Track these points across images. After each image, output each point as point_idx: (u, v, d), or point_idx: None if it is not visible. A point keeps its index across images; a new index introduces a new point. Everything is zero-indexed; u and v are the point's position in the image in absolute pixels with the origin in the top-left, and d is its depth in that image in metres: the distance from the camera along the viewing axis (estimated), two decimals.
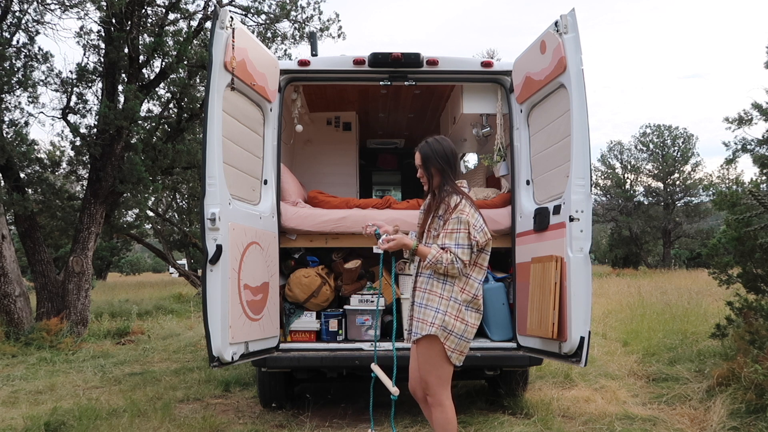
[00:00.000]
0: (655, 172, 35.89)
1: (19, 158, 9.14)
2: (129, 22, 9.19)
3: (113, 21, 8.96)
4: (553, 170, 4.37)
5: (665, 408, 5.04)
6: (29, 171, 9.84)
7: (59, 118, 9.69)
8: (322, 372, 4.91)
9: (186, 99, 10.45)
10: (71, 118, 9.74)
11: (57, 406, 5.25)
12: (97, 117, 9.43)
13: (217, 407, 5.35)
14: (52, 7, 8.80)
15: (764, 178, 7.25)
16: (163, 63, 9.91)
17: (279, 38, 11.12)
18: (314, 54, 5.48)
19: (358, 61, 4.85)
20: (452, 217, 3.31)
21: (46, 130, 71.52)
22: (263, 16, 10.81)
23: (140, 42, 9.59)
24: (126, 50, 9.27)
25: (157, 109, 11.12)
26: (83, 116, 9.97)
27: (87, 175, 10.13)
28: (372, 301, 4.94)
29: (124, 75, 9.62)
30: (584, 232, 3.91)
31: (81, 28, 10.10)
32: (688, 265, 30.80)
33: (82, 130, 9.81)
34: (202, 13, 10.39)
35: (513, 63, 4.83)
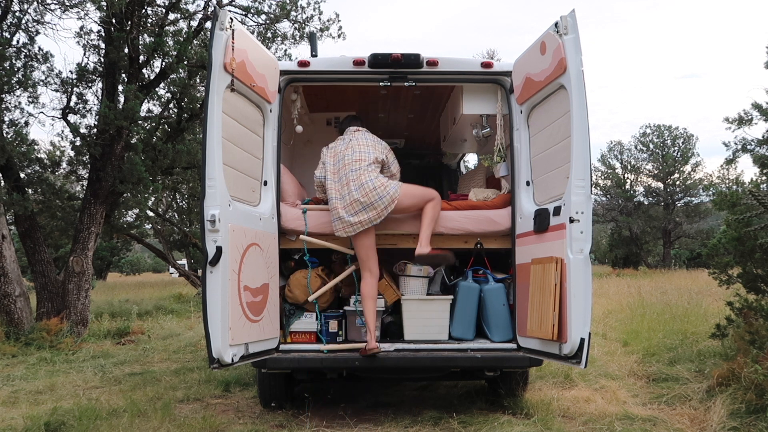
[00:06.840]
0: (655, 172, 35.86)
1: (19, 158, 9.14)
2: (129, 22, 9.19)
3: (113, 21, 8.95)
4: (553, 171, 4.37)
5: (665, 408, 5.04)
6: (29, 171, 9.84)
7: (59, 118, 9.69)
8: (322, 372, 4.91)
9: (186, 99, 10.44)
10: (71, 118, 9.73)
11: (57, 406, 5.25)
12: (97, 117, 9.43)
13: (217, 407, 5.36)
14: (52, 7, 8.80)
15: (764, 178, 7.24)
16: (163, 63, 9.91)
17: (279, 38, 11.10)
18: (314, 54, 5.47)
19: (357, 62, 4.85)
20: None
21: (46, 130, 71.35)
22: (263, 17, 10.80)
23: (140, 42, 9.58)
24: (126, 50, 9.26)
25: (157, 109, 11.13)
26: (83, 116, 9.97)
27: (87, 175, 10.12)
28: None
29: (124, 75, 9.61)
30: (584, 233, 3.92)
31: (81, 28, 10.09)
32: (688, 265, 30.81)
33: (82, 130, 9.81)
34: (202, 13, 10.38)
35: (513, 64, 4.82)
